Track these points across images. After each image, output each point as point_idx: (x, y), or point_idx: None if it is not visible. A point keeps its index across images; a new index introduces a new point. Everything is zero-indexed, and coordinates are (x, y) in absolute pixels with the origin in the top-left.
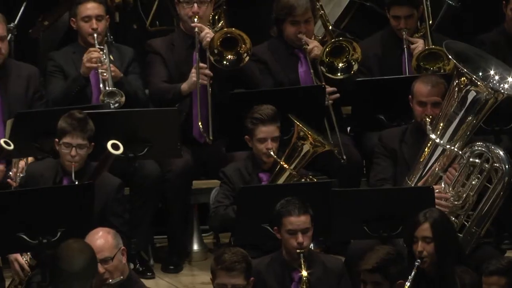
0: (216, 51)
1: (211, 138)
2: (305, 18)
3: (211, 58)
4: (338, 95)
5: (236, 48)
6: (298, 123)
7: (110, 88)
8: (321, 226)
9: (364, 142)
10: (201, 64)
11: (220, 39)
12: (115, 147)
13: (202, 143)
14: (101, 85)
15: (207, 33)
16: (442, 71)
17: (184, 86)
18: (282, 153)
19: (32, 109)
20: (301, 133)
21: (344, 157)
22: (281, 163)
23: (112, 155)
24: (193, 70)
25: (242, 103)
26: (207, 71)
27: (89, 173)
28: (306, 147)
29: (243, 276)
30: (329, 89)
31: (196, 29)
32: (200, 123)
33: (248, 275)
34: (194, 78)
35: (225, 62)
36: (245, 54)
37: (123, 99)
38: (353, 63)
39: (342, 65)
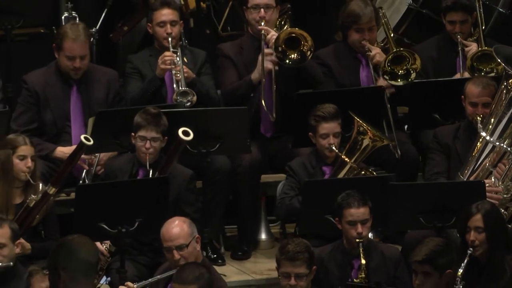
0: (280, 49)
1: (274, 116)
2: (369, 26)
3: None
4: (393, 90)
5: (299, 47)
6: (357, 119)
7: (183, 88)
8: (380, 217)
9: (420, 139)
10: (267, 50)
11: (285, 38)
12: (185, 133)
13: (269, 138)
14: (174, 85)
15: (273, 35)
16: (494, 70)
17: (254, 74)
18: (343, 148)
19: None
20: (361, 128)
21: (399, 153)
22: (342, 157)
23: (183, 141)
24: (260, 58)
25: (307, 102)
26: (273, 57)
27: (162, 166)
28: (366, 142)
29: (305, 265)
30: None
31: (263, 32)
32: (263, 102)
33: (310, 264)
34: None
35: (287, 61)
36: (308, 52)
37: (195, 98)
38: (412, 72)
39: (402, 72)
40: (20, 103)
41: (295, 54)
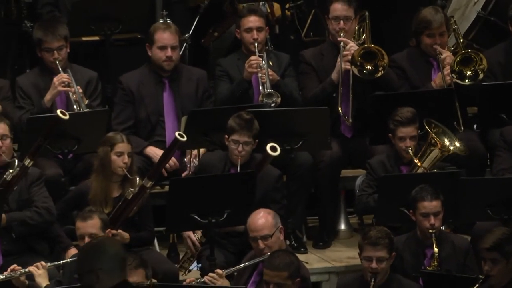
0: (358, 63)
1: (350, 120)
2: (439, 31)
3: (354, 70)
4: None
5: (374, 60)
6: (430, 131)
7: (268, 90)
8: (451, 209)
9: (488, 138)
10: (345, 52)
11: (360, 53)
12: (273, 149)
13: (349, 137)
14: (260, 87)
15: (351, 46)
16: None
17: (334, 74)
18: (420, 148)
19: (202, 107)
20: (432, 141)
21: (462, 128)
22: (416, 161)
23: (270, 156)
24: (338, 59)
25: (382, 103)
26: (349, 57)
27: (252, 166)
28: (435, 152)
29: (386, 250)
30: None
31: (342, 43)
32: (340, 108)
33: (391, 249)
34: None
35: (365, 71)
36: (381, 68)
37: (279, 100)
38: (480, 72)
39: (470, 73)
40: (117, 103)
41: (371, 66)
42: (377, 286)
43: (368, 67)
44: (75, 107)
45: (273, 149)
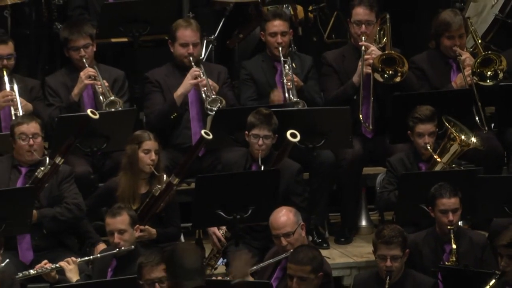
0: (379, 69)
1: (370, 127)
2: (459, 33)
3: (377, 76)
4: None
5: (394, 65)
6: (450, 127)
7: (294, 99)
8: (468, 206)
9: (506, 136)
10: (366, 56)
11: (382, 58)
12: (293, 135)
13: (369, 138)
14: (286, 94)
15: (373, 51)
16: None
17: (355, 77)
18: (438, 146)
19: (224, 96)
20: (452, 136)
21: (486, 128)
22: (435, 156)
23: (291, 142)
24: (360, 63)
25: (402, 103)
26: (371, 61)
27: (273, 159)
28: (455, 147)
29: (399, 248)
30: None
31: (363, 48)
32: (360, 115)
33: (404, 247)
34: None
35: (386, 75)
36: (400, 74)
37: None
38: (499, 72)
39: (491, 74)
40: (147, 95)
41: (392, 70)
42: (393, 283)
43: (389, 71)
44: (101, 98)
45: (293, 135)
